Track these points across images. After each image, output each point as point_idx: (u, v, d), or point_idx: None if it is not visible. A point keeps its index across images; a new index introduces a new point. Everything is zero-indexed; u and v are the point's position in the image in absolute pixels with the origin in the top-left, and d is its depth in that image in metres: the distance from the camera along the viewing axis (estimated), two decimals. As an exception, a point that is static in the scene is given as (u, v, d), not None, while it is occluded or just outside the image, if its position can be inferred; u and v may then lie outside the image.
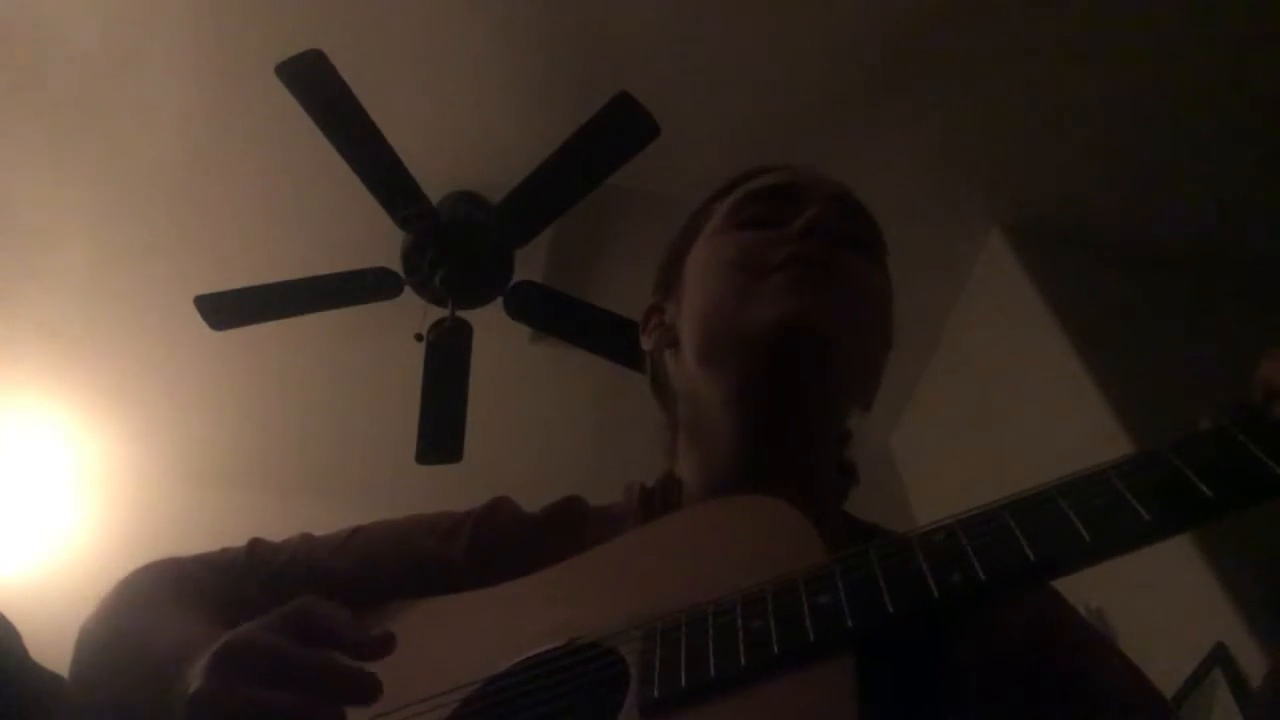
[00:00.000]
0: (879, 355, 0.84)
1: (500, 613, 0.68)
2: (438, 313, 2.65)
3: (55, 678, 0.75)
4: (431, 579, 0.75)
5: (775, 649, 0.49)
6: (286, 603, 0.74)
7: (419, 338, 2.62)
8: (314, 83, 2.14)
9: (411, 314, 2.66)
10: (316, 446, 3.27)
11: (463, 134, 2.54)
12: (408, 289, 2.63)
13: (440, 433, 2.77)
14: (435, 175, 2.49)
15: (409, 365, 2.71)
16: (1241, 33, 2.23)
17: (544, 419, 3.24)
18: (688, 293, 0.85)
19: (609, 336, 2.64)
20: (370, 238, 2.58)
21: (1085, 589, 1.83)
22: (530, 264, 2.68)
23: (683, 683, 0.50)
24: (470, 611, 0.70)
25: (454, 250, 2.53)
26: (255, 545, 0.80)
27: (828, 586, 0.50)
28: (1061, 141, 2.47)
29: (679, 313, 0.85)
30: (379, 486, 2.97)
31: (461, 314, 2.62)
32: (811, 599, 0.50)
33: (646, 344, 0.91)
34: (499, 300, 2.66)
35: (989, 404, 2.60)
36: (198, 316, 2.59)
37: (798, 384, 0.75)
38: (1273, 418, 0.46)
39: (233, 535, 0.84)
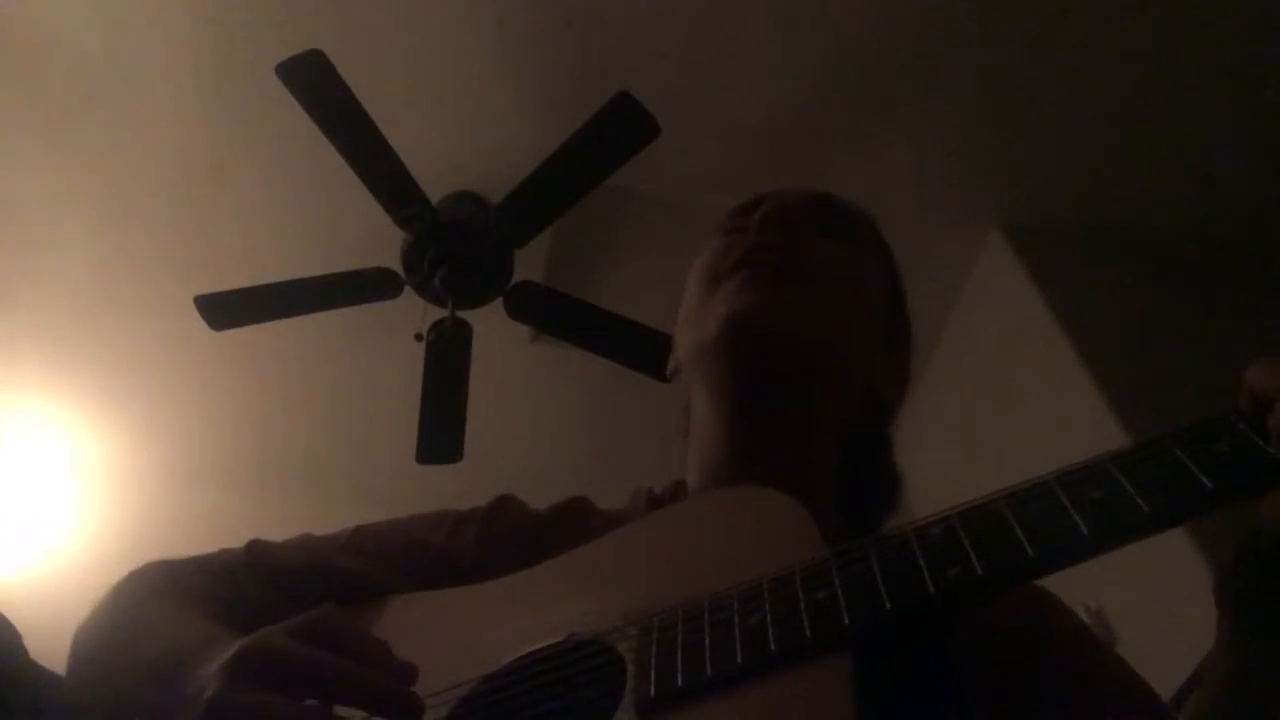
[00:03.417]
0: (861, 341, 0.82)
1: (500, 608, 0.68)
2: (438, 313, 2.65)
3: (55, 678, 0.75)
4: (437, 575, 0.74)
5: (772, 646, 0.48)
6: (290, 602, 0.74)
7: (419, 338, 2.62)
8: (314, 83, 2.14)
9: (411, 314, 2.66)
10: (316, 446, 3.27)
11: (463, 134, 2.54)
12: (408, 289, 2.62)
13: (440, 433, 2.76)
14: (435, 175, 2.49)
15: (409, 365, 2.71)
16: (1242, 32, 2.23)
17: (544, 419, 3.24)
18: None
19: (609, 336, 2.64)
20: (370, 238, 2.58)
21: (1085, 589, 1.83)
22: (530, 264, 2.68)
23: (679, 681, 0.49)
24: (470, 607, 0.70)
25: (454, 250, 2.53)
26: (254, 546, 0.79)
27: (825, 582, 0.50)
28: (1061, 141, 2.47)
29: None
30: (379, 486, 2.96)
31: (461, 314, 2.62)
32: (809, 595, 0.50)
33: (670, 364, 0.91)
34: (499, 300, 2.66)
35: (989, 404, 2.60)
36: (198, 316, 2.59)
37: (759, 380, 0.76)
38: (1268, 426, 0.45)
39: (233, 535, 0.84)
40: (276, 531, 0.84)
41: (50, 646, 0.78)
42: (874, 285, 0.85)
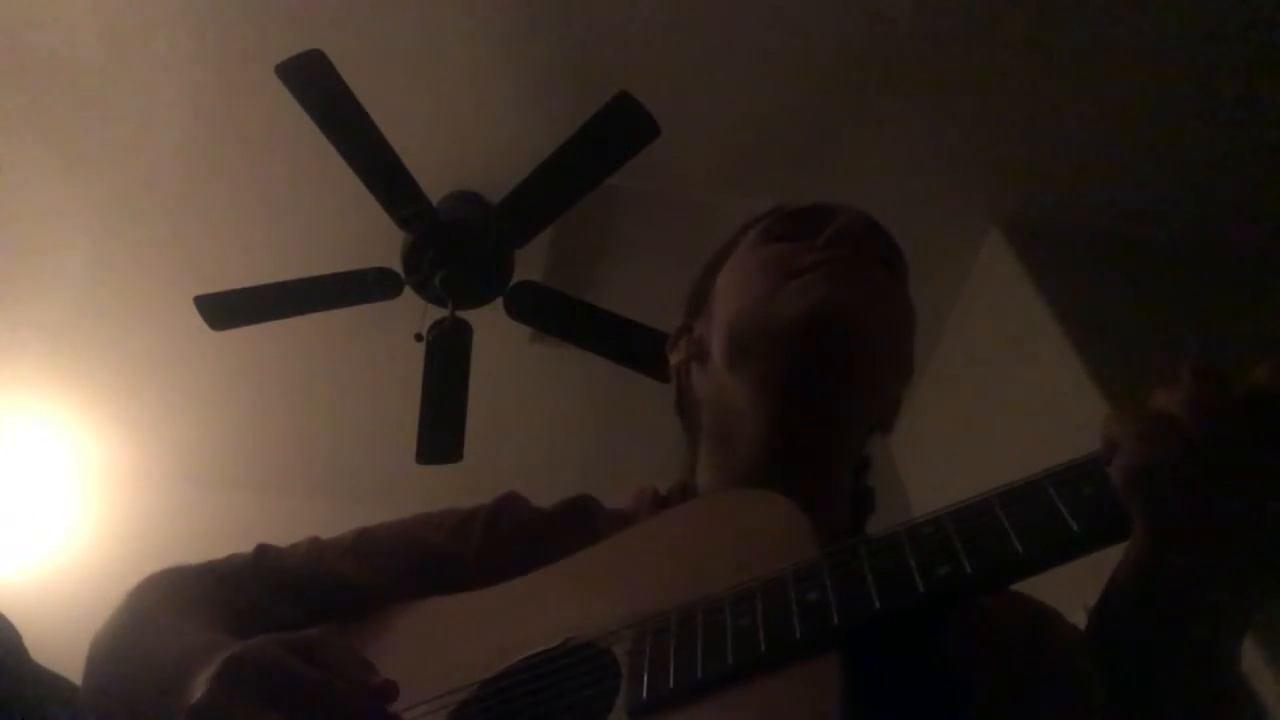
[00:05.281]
0: (898, 368, 0.85)
1: (499, 612, 0.68)
2: (438, 313, 2.65)
3: (55, 678, 0.75)
4: (442, 576, 0.75)
5: (762, 647, 0.48)
6: (297, 609, 0.75)
7: (419, 338, 2.62)
8: (314, 83, 2.14)
9: (411, 314, 2.66)
10: (316, 446, 3.27)
11: (463, 134, 2.54)
12: (408, 289, 2.62)
13: (440, 433, 2.76)
14: (435, 175, 2.49)
15: (409, 365, 2.71)
16: (1240, 33, 2.23)
17: (544, 419, 3.24)
18: (718, 304, 0.86)
19: (609, 336, 2.64)
20: (370, 238, 2.58)
21: (1084, 588, 1.83)
22: (530, 264, 2.68)
23: (670, 683, 0.50)
24: (470, 611, 0.70)
25: (454, 250, 2.52)
26: (262, 551, 0.80)
27: (817, 583, 0.50)
28: (1061, 141, 2.47)
29: (708, 326, 0.87)
30: (379, 486, 2.97)
31: (461, 314, 2.62)
32: (800, 596, 0.50)
33: (673, 359, 0.91)
34: (499, 300, 2.66)
35: (989, 404, 2.60)
36: (198, 316, 2.59)
37: (823, 376, 0.77)
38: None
39: (233, 535, 0.84)
40: (277, 532, 0.84)
41: (50, 646, 0.78)
42: (912, 322, 0.88)
